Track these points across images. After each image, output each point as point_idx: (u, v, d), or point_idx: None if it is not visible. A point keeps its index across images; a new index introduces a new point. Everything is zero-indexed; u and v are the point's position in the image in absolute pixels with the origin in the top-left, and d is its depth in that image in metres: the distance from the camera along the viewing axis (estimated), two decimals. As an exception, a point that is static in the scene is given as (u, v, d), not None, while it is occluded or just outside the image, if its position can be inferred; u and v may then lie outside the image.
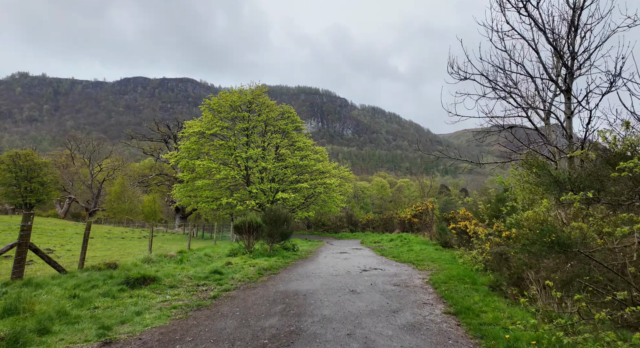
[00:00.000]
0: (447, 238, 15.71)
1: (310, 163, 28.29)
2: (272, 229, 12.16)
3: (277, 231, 12.17)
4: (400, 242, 18.39)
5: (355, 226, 36.39)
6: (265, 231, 12.23)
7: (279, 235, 12.22)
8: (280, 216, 12.32)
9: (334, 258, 12.60)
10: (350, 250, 16.24)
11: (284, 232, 12.26)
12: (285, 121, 30.42)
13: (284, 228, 12.27)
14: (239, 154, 26.33)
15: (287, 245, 14.06)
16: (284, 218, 12.38)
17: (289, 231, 12.50)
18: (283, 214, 12.38)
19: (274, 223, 12.25)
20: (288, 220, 12.45)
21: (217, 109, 28.94)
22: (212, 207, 25.91)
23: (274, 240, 12.30)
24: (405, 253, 13.84)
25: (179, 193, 27.59)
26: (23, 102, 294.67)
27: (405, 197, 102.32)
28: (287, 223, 12.45)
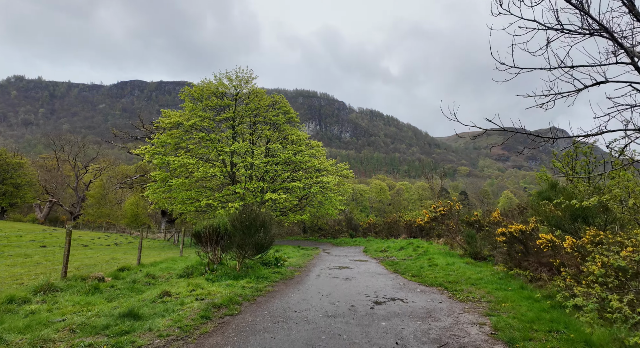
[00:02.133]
0: (477, 247, 12.12)
1: (305, 158, 24.71)
2: (244, 238, 8.54)
3: (251, 241, 8.54)
4: (414, 251, 14.78)
5: (356, 230, 32.72)
6: (235, 240, 8.61)
7: (253, 246, 8.60)
8: (256, 220, 8.70)
9: (331, 279, 8.98)
10: (352, 263, 12.63)
11: (259, 243, 8.63)
12: (277, 112, 26.88)
13: (260, 237, 8.65)
14: (221, 148, 22.73)
15: (268, 259, 10.43)
16: (260, 222, 8.76)
17: (268, 240, 8.88)
18: (260, 217, 8.77)
19: (247, 229, 8.64)
20: (267, 224, 8.84)
21: (198, 97, 25.40)
22: (189, 210, 22.25)
23: (245, 253, 8.66)
24: (428, 268, 10.24)
25: (153, 193, 23.92)
26: (18, 106, 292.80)
27: (405, 200, 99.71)
28: (266, 230, 8.83)
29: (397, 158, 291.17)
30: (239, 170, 22.56)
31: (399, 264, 11.76)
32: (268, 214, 9.22)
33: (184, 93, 25.47)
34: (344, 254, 16.92)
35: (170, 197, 23.91)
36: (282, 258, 10.97)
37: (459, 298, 6.91)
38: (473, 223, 14.30)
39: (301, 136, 27.05)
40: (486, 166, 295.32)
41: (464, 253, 12.37)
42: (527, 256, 8.08)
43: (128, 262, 11.61)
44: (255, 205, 22.95)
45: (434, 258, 11.89)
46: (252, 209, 8.97)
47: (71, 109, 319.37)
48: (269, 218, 9.06)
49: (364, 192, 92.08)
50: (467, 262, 11.24)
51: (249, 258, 8.91)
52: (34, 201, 55.41)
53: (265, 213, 9.08)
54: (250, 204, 23.10)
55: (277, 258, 10.69)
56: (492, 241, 11.37)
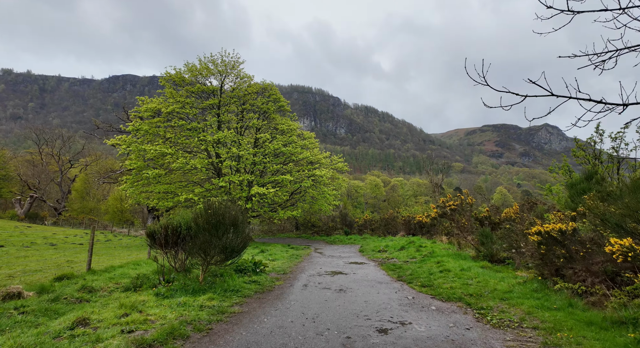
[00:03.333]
0: (493, 248, 10.34)
1: (296, 150, 22.75)
2: (210, 239, 6.62)
3: (218, 244, 6.63)
4: (417, 252, 12.99)
5: (351, 227, 30.95)
6: (197, 243, 6.68)
7: (220, 249, 6.68)
8: (225, 217, 6.77)
9: (321, 291, 7.12)
10: (347, 266, 10.79)
11: (228, 246, 6.71)
12: (266, 100, 24.84)
13: (230, 239, 6.74)
14: (204, 138, 20.67)
15: (245, 264, 8.52)
16: (230, 220, 6.84)
17: (240, 243, 6.96)
18: (229, 214, 6.84)
19: (214, 228, 6.72)
20: (238, 223, 6.92)
21: (180, 83, 23.27)
22: (167, 205, 20.21)
23: (210, 260, 6.74)
24: (439, 275, 8.42)
25: (130, 187, 21.80)
26: (7, 100, 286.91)
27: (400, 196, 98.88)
28: (237, 229, 6.92)
29: (391, 154, 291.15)
30: (224, 162, 20.53)
31: (403, 268, 9.93)
32: (240, 210, 7.30)
33: (164, 78, 23.30)
34: (338, 254, 15.08)
35: (147, 191, 21.83)
36: (262, 262, 9.07)
37: (492, 322, 5.08)
38: (482, 220, 12.53)
39: (292, 126, 25.05)
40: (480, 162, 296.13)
41: (477, 255, 10.60)
42: (571, 262, 6.30)
43: (78, 268, 9.64)
44: (243, 200, 21.02)
45: (443, 261, 10.09)
46: (221, 203, 7.03)
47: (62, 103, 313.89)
48: (242, 215, 7.13)
49: (359, 188, 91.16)
50: (483, 266, 9.45)
51: (216, 265, 7.00)
52: (12, 196, 52.85)
53: (236, 209, 7.14)
54: (229, 200, 21.13)
55: (255, 263, 8.79)
56: (511, 242, 9.60)
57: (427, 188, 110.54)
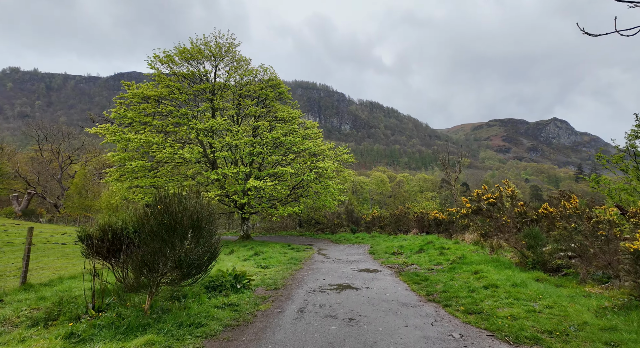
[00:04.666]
0: (544, 254, 8.04)
1: (297, 139, 20.48)
2: (160, 249, 4.44)
3: (169, 256, 4.45)
4: (442, 256, 10.72)
5: (358, 224, 28.71)
6: (139, 255, 4.48)
7: (174, 264, 4.49)
8: (180, 217, 4.59)
9: (323, 322, 4.91)
10: (356, 276, 8.57)
11: (184, 260, 4.51)
12: (264, 85, 22.59)
13: (188, 249, 4.55)
14: (194, 125, 18.51)
15: (221, 279, 6.32)
16: (190, 220, 4.65)
17: (203, 254, 4.73)
18: (189, 212, 4.65)
19: (167, 233, 4.54)
20: (202, 225, 4.71)
21: (169, 64, 21.09)
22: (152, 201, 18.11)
23: (158, 279, 4.54)
24: (485, 293, 6.15)
25: (116, 181, 19.78)
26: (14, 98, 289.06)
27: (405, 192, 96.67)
28: (201, 234, 4.71)
29: (397, 150, 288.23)
30: (216, 152, 18.35)
31: (430, 281, 7.67)
32: (206, 206, 5.09)
33: (152, 61, 21.11)
34: (344, 257, 12.85)
35: (134, 186, 19.77)
36: (246, 274, 6.85)
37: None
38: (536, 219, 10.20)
39: (293, 114, 22.78)
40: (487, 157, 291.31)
41: (522, 262, 8.30)
42: None
43: (12, 283, 7.54)
44: (239, 195, 18.88)
45: (482, 270, 7.81)
46: (176, 196, 4.83)
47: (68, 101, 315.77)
48: (208, 214, 4.93)
49: (364, 184, 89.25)
50: (538, 278, 7.17)
51: (172, 285, 4.81)
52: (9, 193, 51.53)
53: (200, 204, 4.93)
54: (235, 197, 19.00)
55: (236, 276, 6.59)
56: (567, 245, 7.30)
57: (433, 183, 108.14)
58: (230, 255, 13.60)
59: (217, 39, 22.14)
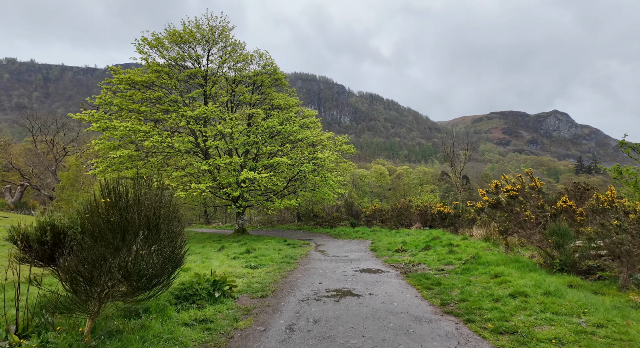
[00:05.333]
0: (574, 254, 6.98)
1: (294, 128, 19.29)
2: (105, 255, 3.36)
3: (116, 264, 3.37)
4: (451, 254, 9.69)
5: (358, 218, 27.69)
6: (74, 262, 3.40)
7: (123, 274, 3.42)
8: (134, 212, 3.50)
9: (316, 346, 3.88)
10: (357, 278, 7.53)
11: (132, 270, 3.43)
12: (260, 71, 21.31)
13: (139, 256, 3.47)
14: (184, 112, 17.31)
15: (196, 287, 5.26)
16: (145, 218, 3.56)
17: (162, 262, 3.68)
18: (144, 207, 3.55)
19: (115, 234, 3.46)
20: (159, 225, 3.64)
21: (158, 48, 19.78)
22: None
23: (100, 294, 3.47)
24: (513, 303, 5.09)
25: (103, 173, 18.63)
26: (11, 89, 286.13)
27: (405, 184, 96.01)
28: (158, 236, 3.65)
29: (397, 143, 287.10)
30: (207, 142, 17.18)
31: (443, 285, 6.62)
32: (166, 199, 3.98)
33: (140, 45, 19.79)
34: (344, 254, 11.82)
35: (121, 177, 18.64)
36: (227, 280, 5.78)
37: None
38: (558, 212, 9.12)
39: (290, 101, 21.55)
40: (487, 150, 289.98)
41: (548, 263, 7.24)
42: None
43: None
44: (233, 187, 17.80)
45: (502, 273, 6.75)
46: (130, 185, 3.74)
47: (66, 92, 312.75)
48: (170, 209, 3.84)
49: (364, 177, 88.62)
50: (571, 284, 6.11)
51: (122, 301, 3.73)
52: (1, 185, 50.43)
53: (158, 196, 3.83)
54: (228, 189, 17.90)
55: (215, 283, 5.52)
56: (606, 244, 6.25)
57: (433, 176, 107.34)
58: (220, 251, 12.56)
59: (210, 22, 20.80)
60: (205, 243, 16.37)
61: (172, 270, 3.87)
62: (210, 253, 12.01)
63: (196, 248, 13.78)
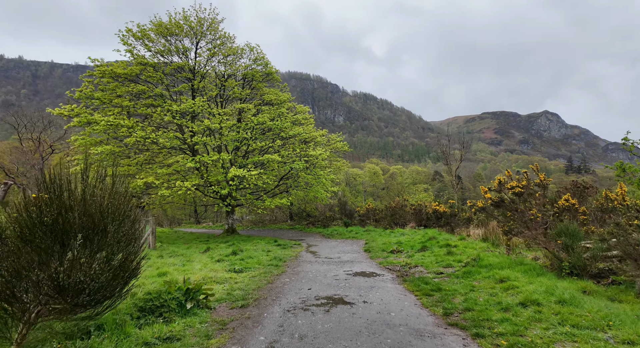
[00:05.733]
0: (583, 256, 6.46)
1: (285, 124, 18.61)
2: (30, 262, 2.68)
3: (42, 277, 2.68)
4: (450, 256, 9.13)
5: (351, 217, 27.11)
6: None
7: (55, 289, 2.74)
8: (71, 214, 2.81)
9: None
10: (350, 283, 6.91)
11: (65, 283, 2.76)
12: (250, 64, 20.57)
13: (74, 265, 2.80)
14: (170, 107, 16.50)
15: (165, 296, 4.58)
16: (91, 220, 2.88)
17: (109, 275, 3.00)
18: (88, 203, 2.87)
19: (45, 237, 2.77)
20: (105, 227, 2.98)
21: (143, 40, 18.91)
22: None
23: (25, 314, 2.77)
24: (525, 313, 4.51)
25: (83, 169, 17.73)
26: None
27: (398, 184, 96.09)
28: (104, 241, 2.97)
29: (390, 142, 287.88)
30: (193, 137, 16.40)
31: (444, 291, 6.03)
32: (125, 193, 3.30)
33: (125, 36, 18.88)
34: (336, 256, 11.20)
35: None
36: (202, 288, 5.09)
37: None
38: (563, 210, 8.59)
39: (282, 97, 20.85)
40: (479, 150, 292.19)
41: (555, 266, 6.70)
42: None
43: None
44: (222, 185, 17.05)
45: (509, 278, 6.19)
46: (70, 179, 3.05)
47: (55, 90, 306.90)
48: (118, 207, 3.16)
49: (357, 176, 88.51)
50: (584, 290, 5.56)
51: (60, 320, 3.04)
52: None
53: (102, 190, 3.15)
54: (216, 187, 17.14)
55: (187, 292, 4.84)
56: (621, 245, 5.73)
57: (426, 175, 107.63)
58: (205, 253, 11.84)
59: (198, 13, 19.96)
60: (191, 244, 15.61)
61: (125, 281, 3.19)
62: (194, 254, 11.29)
63: (180, 249, 13.03)
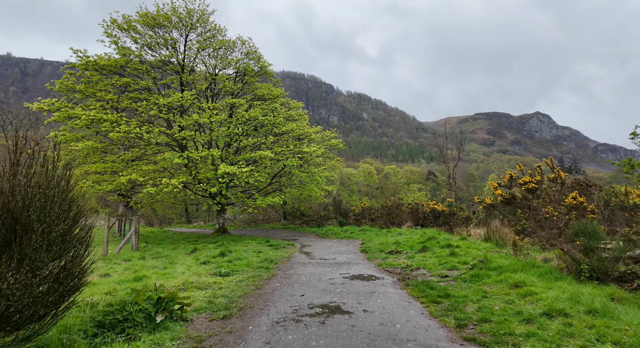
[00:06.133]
0: (605, 259, 5.87)
1: (278, 120, 17.87)
2: None
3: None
4: (453, 257, 8.52)
5: (346, 216, 26.47)
6: None
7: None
8: None
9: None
10: (347, 288, 6.23)
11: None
12: (242, 58, 19.79)
13: None
14: (156, 101, 15.66)
15: (130, 308, 3.84)
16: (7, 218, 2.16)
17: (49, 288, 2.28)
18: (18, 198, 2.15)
19: None
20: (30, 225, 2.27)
21: (129, 31, 18.02)
22: (107, 189, 15.24)
23: None
24: (553, 326, 3.87)
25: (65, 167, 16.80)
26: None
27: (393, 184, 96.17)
28: (30, 244, 2.28)
29: (384, 142, 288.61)
30: (181, 132, 15.58)
31: (453, 297, 5.39)
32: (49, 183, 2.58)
33: (109, 26, 17.95)
34: (332, 257, 10.53)
35: (89, 171, 16.83)
36: (177, 296, 4.37)
37: None
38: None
39: (275, 92, 20.10)
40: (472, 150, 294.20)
41: (573, 269, 6.12)
42: None
43: None
44: (212, 183, 16.27)
45: (524, 282, 5.57)
46: None
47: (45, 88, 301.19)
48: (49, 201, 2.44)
49: (352, 176, 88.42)
50: (613, 296, 4.96)
51: None
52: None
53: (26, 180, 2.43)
54: (204, 185, 16.34)
55: (159, 301, 4.12)
56: None
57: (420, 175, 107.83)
58: (191, 254, 11.07)
59: (187, 4, 19.11)
60: (179, 244, 14.81)
61: (61, 297, 2.46)
62: (179, 256, 10.52)
63: (166, 250, 12.23)
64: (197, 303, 5.05)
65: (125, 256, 10.02)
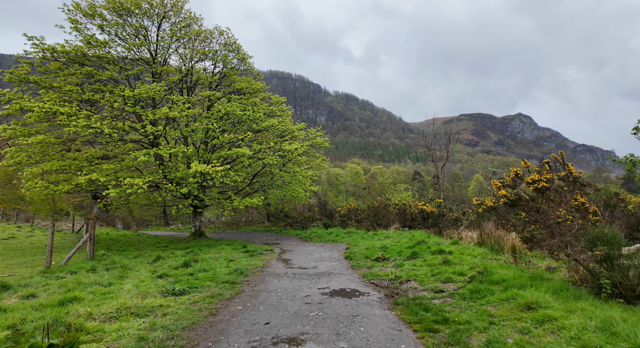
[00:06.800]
0: (630, 273, 4.96)
1: (258, 115, 16.61)
2: None
3: None
4: (446, 266, 7.53)
5: (331, 218, 25.40)
6: None
7: None
8: None
9: None
10: (323, 308, 5.14)
11: None
12: (220, 49, 18.44)
13: None
14: (121, 93, 14.17)
15: None
16: None
17: None
18: None
19: None
20: None
21: (94, 17, 16.44)
22: (64, 190, 13.66)
23: None
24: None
25: (18, 165, 15.08)
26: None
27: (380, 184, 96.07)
28: None
29: (371, 143, 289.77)
30: (147, 126, 14.13)
31: (453, 324, 4.35)
32: None
33: (71, 11, 16.31)
34: (312, 265, 9.40)
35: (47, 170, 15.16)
36: (77, 342, 3.19)
37: None
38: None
39: (255, 86, 18.82)
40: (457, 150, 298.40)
41: (588, 282, 5.19)
42: None
43: None
44: (189, 181, 14.87)
45: (539, 303, 4.58)
46: None
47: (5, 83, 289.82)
48: None
49: (339, 176, 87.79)
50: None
51: None
52: None
53: None
54: (175, 184, 14.94)
55: None
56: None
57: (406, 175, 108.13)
58: (153, 263, 9.74)
59: (159, -13, 17.66)
60: (145, 251, 13.39)
61: None
62: (137, 266, 9.18)
63: (126, 258, 10.83)
64: (123, 341, 3.83)
65: (73, 268, 8.64)
